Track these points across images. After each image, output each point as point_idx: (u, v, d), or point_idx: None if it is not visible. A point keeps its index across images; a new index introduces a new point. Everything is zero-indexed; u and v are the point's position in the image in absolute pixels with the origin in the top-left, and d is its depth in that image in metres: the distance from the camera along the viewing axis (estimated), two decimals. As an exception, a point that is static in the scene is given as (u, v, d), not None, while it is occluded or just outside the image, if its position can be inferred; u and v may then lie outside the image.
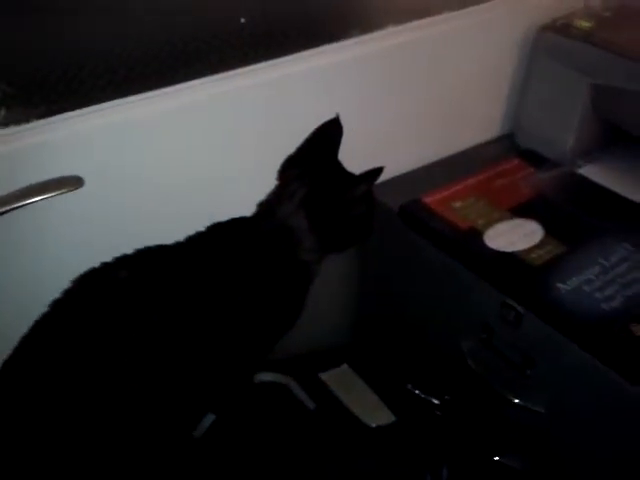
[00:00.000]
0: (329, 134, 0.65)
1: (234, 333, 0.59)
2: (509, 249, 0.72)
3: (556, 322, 0.65)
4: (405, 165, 0.88)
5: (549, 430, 0.70)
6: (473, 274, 0.72)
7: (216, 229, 0.61)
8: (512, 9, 0.87)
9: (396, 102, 0.84)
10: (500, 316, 0.70)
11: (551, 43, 0.83)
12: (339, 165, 0.66)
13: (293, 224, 0.61)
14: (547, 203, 0.79)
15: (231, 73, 0.68)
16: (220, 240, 0.61)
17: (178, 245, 0.60)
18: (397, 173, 0.87)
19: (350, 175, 0.65)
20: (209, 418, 0.68)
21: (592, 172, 0.83)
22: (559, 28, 0.82)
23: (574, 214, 0.77)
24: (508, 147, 0.92)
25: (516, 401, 0.71)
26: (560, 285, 0.67)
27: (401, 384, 0.83)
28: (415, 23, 0.78)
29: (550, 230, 0.74)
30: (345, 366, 0.84)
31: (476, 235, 0.74)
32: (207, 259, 0.59)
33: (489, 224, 0.76)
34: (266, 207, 0.64)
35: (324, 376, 0.80)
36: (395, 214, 0.80)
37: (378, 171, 0.63)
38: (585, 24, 0.82)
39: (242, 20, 0.64)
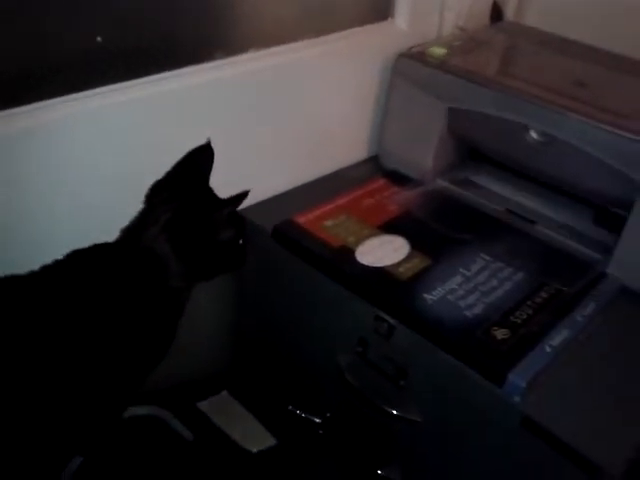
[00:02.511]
0: (199, 159, 0.64)
1: (99, 367, 0.55)
2: (378, 264, 0.75)
3: (424, 331, 0.68)
4: (277, 187, 0.89)
5: (426, 438, 0.73)
6: (346, 290, 0.74)
7: (76, 256, 0.58)
8: (370, 37, 0.92)
9: (263, 125, 0.84)
10: (374, 329, 0.72)
11: (408, 70, 0.88)
12: (209, 190, 0.65)
13: (157, 249, 0.59)
14: (412, 219, 0.83)
15: (89, 93, 0.65)
16: (80, 268, 0.57)
17: (32, 275, 0.56)
18: (270, 195, 0.88)
19: (217, 200, 0.64)
20: (76, 461, 0.63)
21: (451, 189, 0.88)
22: (415, 55, 0.88)
23: (436, 229, 0.81)
24: (376, 168, 0.96)
25: (393, 412, 0.73)
26: (426, 296, 0.70)
27: (283, 406, 0.82)
28: (277, 48, 0.80)
29: (415, 245, 0.78)
30: (225, 393, 0.82)
31: (348, 252, 0.76)
32: (65, 289, 0.55)
33: (359, 241, 0.78)
34: (130, 232, 0.61)
35: (202, 405, 0.78)
36: (268, 235, 0.80)
37: (243, 195, 0.63)
38: (439, 52, 0.88)
39: (98, 39, 0.62)
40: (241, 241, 0.65)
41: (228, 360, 0.90)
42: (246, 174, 0.84)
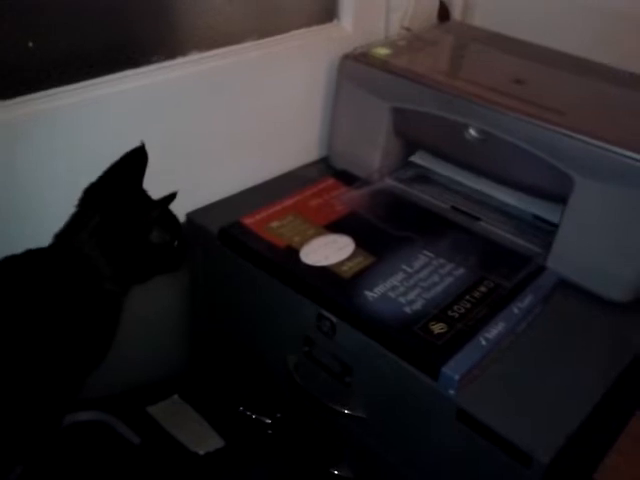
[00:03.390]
0: (133, 162, 0.65)
1: (33, 372, 0.55)
2: (322, 263, 0.76)
3: (365, 328, 0.69)
4: (225, 189, 0.89)
5: (372, 434, 0.74)
6: (291, 290, 0.74)
7: (8, 262, 0.58)
8: (316, 39, 0.93)
9: (210, 128, 0.85)
10: (317, 327, 0.73)
11: (353, 70, 0.89)
12: (141, 193, 0.65)
13: (87, 254, 0.60)
14: (358, 218, 0.84)
15: (25, 98, 0.65)
16: (11, 274, 0.57)
17: None
18: (218, 198, 0.88)
19: (148, 202, 0.65)
20: (16, 470, 0.63)
21: (398, 187, 0.89)
22: (359, 56, 0.89)
23: (381, 227, 0.82)
24: (327, 169, 0.97)
25: (340, 410, 0.74)
26: (368, 293, 0.71)
27: (234, 408, 0.83)
28: (219, 50, 0.81)
29: (360, 243, 0.79)
30: (175, 397, 0.82)
31: (292, 252, 0.77)
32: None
33: (305, 241, 0.79)
34: (62, 237, 0.61)
35: (152, 409, 0.78)
36: (215, 237, 0.81)
37: (172, 196, 0.63)
38: (382, 52, 0.89)
39: (30, 44, 0.62)
40: (177, 243, 0.66)
41: (181, 364, 0.91)
42: (194, 177, 0.86)
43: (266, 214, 0.83)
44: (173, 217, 0.67)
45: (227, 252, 0.79)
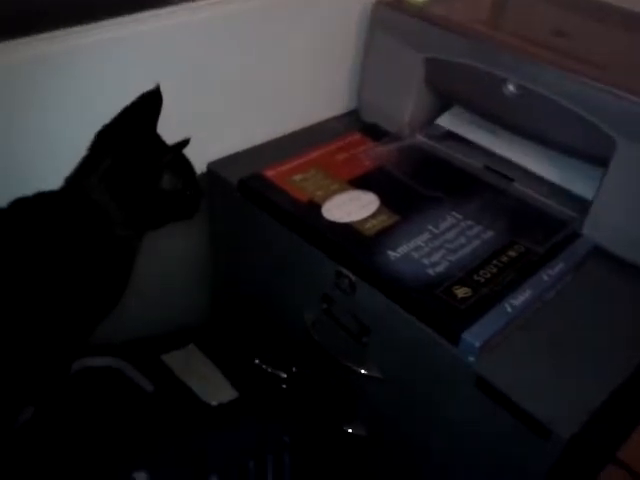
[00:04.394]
0: (147, 105, 0.62)
1: (45, 315, 0.55)
2: (345, 220, 0.73)
3: (385, 288, 0.66)
4: (248, 140, 0.86)
5: (388, 395, 0.72)
6: (311, 245, 0.72)
7: (18, 204, 0.56)
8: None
9: (231, 75, 0.81)
10: (336, 285, 0.71)
11: (386, 18, 0.84)
12: (155, 138, 0.63)
13: (97, 197, 0.58)
14: (384, 175, 0.81)
15: (33, 39, 0.63)
16: (23, 216, 0.56)
17: None
18: (240, 149, 0.86)
19: (162, 147, 0.62)
20: (28, 410, 0.63)
21: (428, 144, 0.85)
22: (393, 3, 0.84)
23: (409, 185, 0.79)
24: (353, 122, 0.93)
25: (356, 369, 0.73)
26: (390, 252, 0.69)
27: (250, 361, 0.82)
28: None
29: (385, 201, 0.76)
30: (191, 346, 0.82)
31: (314, 207, 0.74)
32: (7, 237, 0.54)
33: (327, 196, 0.76)
34: (72, 181, 0.60)
35: (166, 357, 0.78)
36: (234, 188, 0.78)
37: (185, 142, 0.61)
38: (419, 0, 0.84)
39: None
40: (190, 191, 0.64)
41: (199, 314, 0.90)
42: (215, 126, 0.82)
43: (289, 167, 0.80)
44: (187, 164, 0.64)
45: (247, 204, 0.77)
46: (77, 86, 0.67)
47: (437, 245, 0.70)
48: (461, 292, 0.65)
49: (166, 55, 0.73)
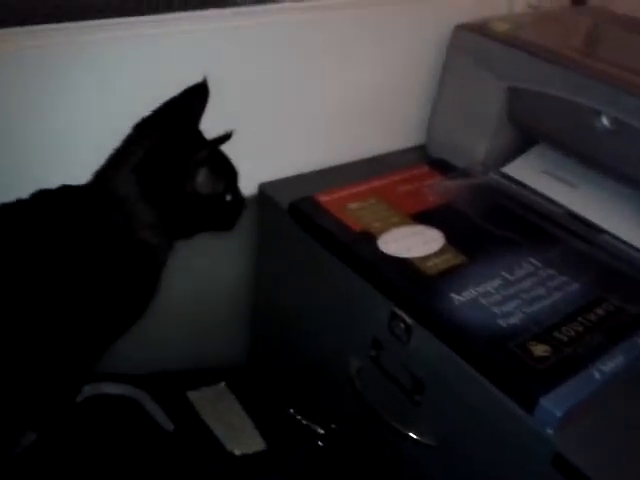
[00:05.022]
0: (192, 99, 0.56)
1: (54, 323, 0.48)
2: (403, 255, 0.64)
3: (447, 336, 0.56)
4: (304, 165, 0.80)
5: (439, 466, 0.61)
6: (363, 280, 0.63)
7: (40, 197, 0.51)
8: (425, 6, 0.81)
9: (294, 91, 0.76)
10: (389, 329, 0.62)
11: (468, 43, 0.77)
12: (196, 134, 0.56)
13: (124, 193, 0.51)
14: (452, 212, 0.72)
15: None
16: (41, 211, 0.50)
17: None
18: (295, 172, 0.79)
19: (202, 144, 0.56)
20: (29, 437, 0.56)
21: (504, 183, 0.76)
22: (477, 27, 0.77)
23: (480, 225, 0.70)
24: (418, 158, 0.85)
25: (404, 432, 0.62)
26: (454, 296, 0.59)
27: (284, 410, 0.73)
28: (316, 2, 0.71)
29: (451, 239, 0.67)
30: (222, 385, 0.73)
31: (369, 238, 0.66)
32: (22, 232, 0.48)
33: (385, 228, 0.68)
34: (101, 174, 0.54)
35: (192, 395, 0.69)
36: (285, 211, 0.71)
37: (226, 136, 0.54)
38: (502, 26, 0.76)
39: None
40: (230, 197, 0.57)
41: (233, 351, 0.82)
42: (271, 146, 0.77)
43: (345, 194, 0.73)
44: (228, 165, 0.57)
45: (297, 229, 0.70)
46: (117, 78, 0.63)
47: (511, 293, 0.60)
48: (539, 350, 0.54)
49: (218, 64, 0.68)
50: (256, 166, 0.77)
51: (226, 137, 0.53)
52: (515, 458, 0.53)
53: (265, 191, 0.75)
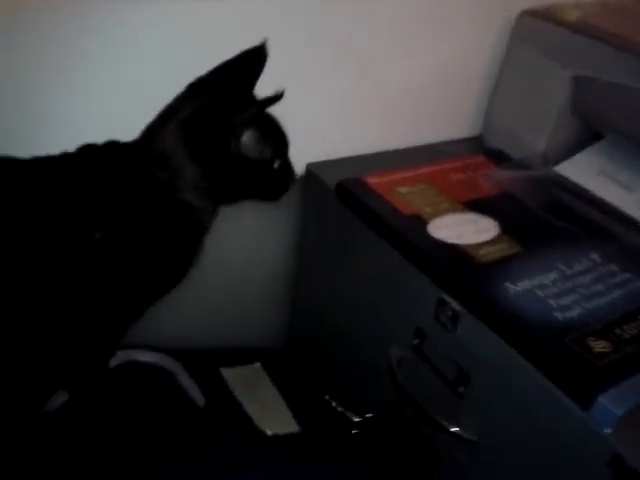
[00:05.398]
0: (248, 61, 0.54)
1: (88, 278, 0.46)
2: (455, 241, 0.61)
3: (498, 325, 0.53)
4: (354, 147, 0.77)
5: (481, 463, 0.58)
6: (410, 264, 0.61)
7: (87, 152, 0.50)
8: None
9: (356, 72, 0.74)
10: (435, 316, 0.59)
11: (533, 29, 0.74)
12: (250, 98, 0.54)
13: (170, 150, 0.50)
14: (508, 201, 0.68)
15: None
16: (86, 166, 0.49)
17: (33, 162, 0.48)
18: (344, 154, 0.77)
19: (251, 104, 0.53)
20: (61, 396, 0.55)
21: (567, 171, 0.72)
22: (543, 14, 0.74)
23: (539, 215, 0.66)
24: (474, 149, 0.82)
25: (445, 425, 0.59)
26: (508, 285, 0.56)
27: (319, 395, 0.71)
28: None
29: (507, 229, 0.63)
30: (257, 365, 0.71)
31: (419, 222, 0.63)
32: (65, 186, 0.47)
33: (436, 214, 0.65)
34: (148, 130, 0.52)
35: (226, 372, 0.68)
36: (332, 192, 0.69)
37: (277, 97, 0.51)
38: (571, 12, 0.73)
39: None
40: (278, 163, 0.54)
41: (271, 332, 0.80)
42: (320, 125, 0.74)
43: (395, 177, 0.70)
44: (278, 131, 0.55)
45: (343, 210, 0.67)
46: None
47: (568, 287, 0.57)
48: (598, 345, 0.51)
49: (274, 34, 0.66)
50: (305, 145, 0.74)
51: (276, 97, 0.51)
52: (567, 458, 0.49)
53: (312, 171, 0.73)
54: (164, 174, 0.50)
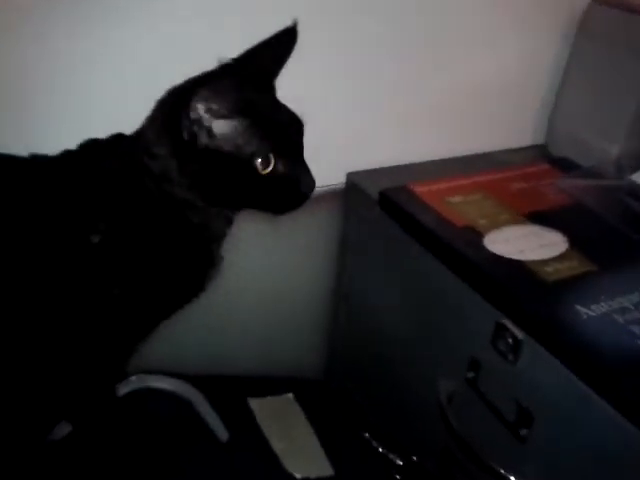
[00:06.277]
0: (275, 44, 0.47)
1: (84, 289, 0.41)
2: (516, 257, 0.53)
3: (569, 355, 0.44)
4: (400, 156, 0.70)
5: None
6: (464, 282, 0.53)
7: (88, 148, 0.44)
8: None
9: (404, 76, 0.68)
10: (492, 344, 0.50)
11: (603, 21, 0.66)
12: (268, 87, 0.46)
13: (152, 137, 0.42)
14: (578, 213, 0.60)
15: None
16: (84, 164, 0.43)
17: (33, 161, 0.43)
18: (387, 164, 0.70)
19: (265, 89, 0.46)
20: (63, 428, 0.49)
21: (641, 184, 0.63)
22: (617, 2, 0.65)
23: (614, 228, 0.57)
24: (533, 156, 0.74)
25: (504, 474, 0.50)
26: (580, 308, 0.47)
27: (358, 433, 0.63)
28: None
29: (577, 243, 0.55)
30: (289, 396, 0.64)
31: (474, 235, 0.55)
32: (60, 186, 0.42)
33: (494, 226, 0.57)
34: (145, 123, 0.45)
35: (254, 402, 0.60)
36: (375, 202, 0.62)
37: (229, 65, 0.42)
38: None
39: None
40: (272, 167, 0.43)
41: (307, 360, 0.72)
42: (362, 133, 0.68)
43: (445, 186, 0.63)
44: (284, 126, 0.45)
45: (387, 222, 0.60)
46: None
47: (655, 311, 0.48)
48: (694, 383, 0.41)
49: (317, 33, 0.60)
50: (345, 154, 0.68)
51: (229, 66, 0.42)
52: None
53: (353, 180, 0.67)
54: (156, 165, 0.43)
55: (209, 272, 0.46)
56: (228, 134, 0.42)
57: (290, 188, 0.45)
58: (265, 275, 0.67)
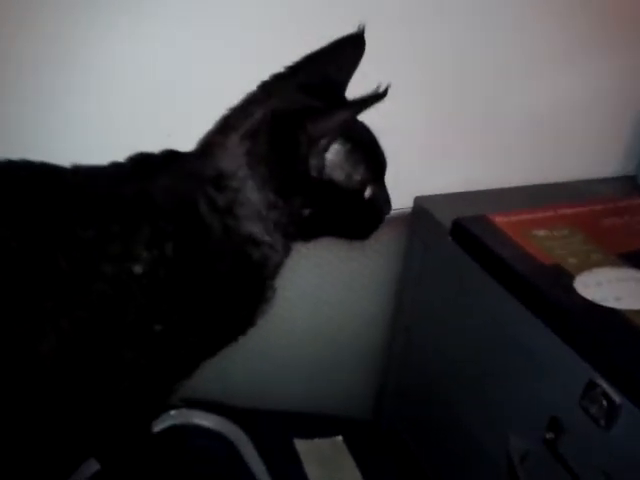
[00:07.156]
0: (340, 53, 0.42)
1: (125, 324, 0.37)
2: (612, 305, 0.46)
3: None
4: (471, 183, 0.65)
5: None
6: (549, 330, 0.46)
7: (139, 163, 0.40)
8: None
9: (484, 94, 0.63)
10: (580, 404, 0.43)
11: None
12: (339, 99, 0.42)
13: (229, 168, 0.38)
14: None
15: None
16: (136, 182, 0.39)
17: (78, 172, 0.39)
18: (458, 190, 0.64)
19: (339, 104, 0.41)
20: (91, 467, 0.44)
21: None
22: None
23: None
24: (625, 188, 0.67)
25: None
26: (695, 371, 0.40)
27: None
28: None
29: (685, 293, 0.47)
30: (339, 439, 0.58)
31: (563, 276, 0.49)
32: (109, 204, 0.38)
33: (585, 266, 0.50)
34: (205, 141, 0.41)
35: (301, 444, 0.55)
36: (446, 230, 0.56)
37: (378, 96, 0.37)
38: None
39: None
40: (369, 192, 0.41)
41: (358, 400, 0.66)
42: (434, 153, 0.64)
43: (529, 217, 0.57)
44: (373, 147, 0.42)
45: (460, 254, 0.54)
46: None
47: None
48: None
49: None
50: (413, 176, 0.63)
51: (377, 97, 0.37)
52: None
53: (422, 205, 0.61)
54: (222, 198, 0.39)
55: (261, 307, 0.41)
56: (337, 161, 0.40)
57: (376, 211, 0.43)
58: (317, 305, 0.62)
